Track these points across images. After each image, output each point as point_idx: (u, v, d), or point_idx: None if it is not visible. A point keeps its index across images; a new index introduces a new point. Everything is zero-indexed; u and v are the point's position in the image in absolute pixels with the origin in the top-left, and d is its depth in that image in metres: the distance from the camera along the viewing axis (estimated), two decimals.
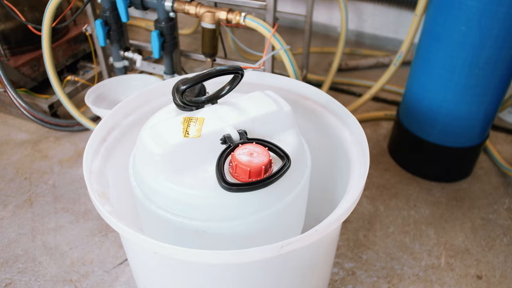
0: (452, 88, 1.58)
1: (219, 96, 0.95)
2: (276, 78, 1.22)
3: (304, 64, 2.16)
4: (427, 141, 1.73)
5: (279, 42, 1.41)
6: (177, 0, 1.48)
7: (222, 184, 0.80)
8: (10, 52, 2.28)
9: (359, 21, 2.90)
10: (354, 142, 1.04)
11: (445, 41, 1.52)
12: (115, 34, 1.65)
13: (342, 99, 2.33)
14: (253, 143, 0.86)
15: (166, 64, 1.65)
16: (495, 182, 1.82)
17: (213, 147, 0.87)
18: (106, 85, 1.68)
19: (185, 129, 0.88)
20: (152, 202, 0.89)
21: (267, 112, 0.93)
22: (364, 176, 0.91)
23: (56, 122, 2.05)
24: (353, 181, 0.93)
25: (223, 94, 0.95)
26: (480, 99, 1.58)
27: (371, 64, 2.60)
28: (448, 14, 1.48)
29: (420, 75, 1.68)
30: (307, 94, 1.18)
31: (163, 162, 0.85)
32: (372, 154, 1.94)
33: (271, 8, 1.44)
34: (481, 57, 1.48)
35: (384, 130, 2.10)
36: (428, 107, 1.67)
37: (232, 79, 0.94)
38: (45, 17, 1.71)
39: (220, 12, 1.43)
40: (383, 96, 2.36)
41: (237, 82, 0.94)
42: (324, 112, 1.15)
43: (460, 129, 1.67)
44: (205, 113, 0.93)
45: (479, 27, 1.42)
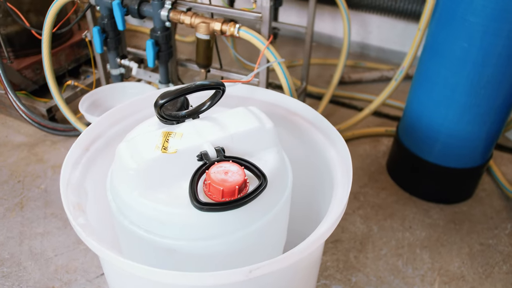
0: (453, 107, 1.54)
1: (200, 111, 0.92)
2: (265, 92, 1.19)
3: (304, 76, 2.13)
4: (427, 161, 1.69)
5: (273, 54, 1.39)
6: (173, 10, 1.47)
7: (193, 202, 0.77)
8: (14, 55, 2.29)
9: (365, 33, 2.87)
10: (339, 162, 1.01)
11: (446, 58, 1.48)
12: (112, 41, 1.64)
13: (343, 113, 2.30)
14: (230, 161, 0.83)
15: (161, 73, 1.64)
16: (497, 205, 1.77)
17: (189, 163, 0.84)
18: (101, 92, 1.67)
19: (162, 144, 0.86)
20: (125, 217, 0.87)
21: (247, 129, 0.90)
22: (345, 199, 0.87)
23: (53, 126, 2.05)
24: (333, 204, 0.90)
25: (203, 109, 0.93)
26: (482, 119, 1.54)
27: (375, 78, 2.56)
28: (450, 29, 1.44)
29: (420, 92, 1.64)
30: (296, 110, 1.16)
31: (138, 177, 0.83)
32: (369, 172, 1.90)
33: (267, 20, 1.42)
34: (483, 76, 1.43)
35: (384, 147, 2.06)
36: (428, 126, 1.63)
37: (214, 94, 0.92)
38: (45, 22, 1.71)
39: (215, 23, 1.41)
40: (385, 111, 2.32)
41: (219, 97, 0.91)
42: (312, 129, 1.12)
43: (461, 149, 1.63)
44: (185, 128, 0.91)
45: (482, 44, 1.38)
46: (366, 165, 1.94)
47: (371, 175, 1.88)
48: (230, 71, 1.65)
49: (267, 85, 1.57)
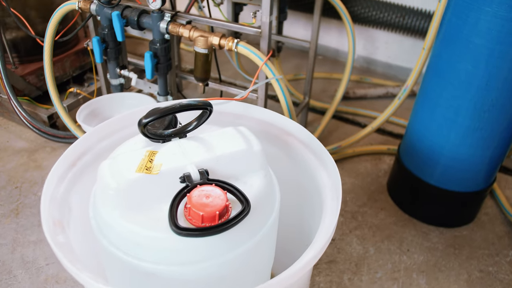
0: (456, 129, 1.50)
1: (185, 131, 0.90)
2: (260, 110, 1.17)
3: (306, 90, 2.11)
4: (427, 183, 1.65)
5: (271, 71, 1.37)
6: (172, 22, 1.46)
7: (172, 227, 0.75)
8: (19, 60, 2.30)
9: (372, 48, 2.84)
10: (330, 187, 0.98)
11: (450, 80, 1.45)
12: (112, 51, 1.64)
13: (346, 129, 2.27)
14: (213, 184, 0.80)
15: (160, 85, 1.62)
16: (499, 231, 1.72)
17: (171, 185, 0.82)
18: (99, 102, 1.67)
19: (145, 164, 0.84)
20: (105, 237, 0.85)
21: (234, 150, 0.88)
22: (332, 226, 0.85)
23: (53, 133, 2.05)
24: (321, 230, 0.87)
25: (190, 129, 0.91)
26: (485, 143, 1.50)
27: (380, 94, 2.53)
28: (454, 51, 1.41)
29: (423, 113, 1.60)
30: (291, 130, 1.13)
31: (118, 197, 0.81)
32: (369, 191, 1.86)
33: (266, 35, 1.40)
34: (488, 99, 1.40)
35: (386, 166, 2.02)
36: (430, 147, 1.59)
37: (200, 114, 0.90)
38: (47, 31, 1.72)
39: (213, 37, 1.40)
40: (389, 128, 2.28)
41: (205, 118, 0.90)
42: (305, 151, 1.09)
43: (463, 172, 1.58)
44: (170, 147, 0.89)
45: (487, 67, 1.35)
46: (366, 183, 1.90)
47: (370, 194, 1.85)
48: (229, 86, 1.64)
49: (266, 100, 1.55)
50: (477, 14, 1.29)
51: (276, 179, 0.99)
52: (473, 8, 1.30)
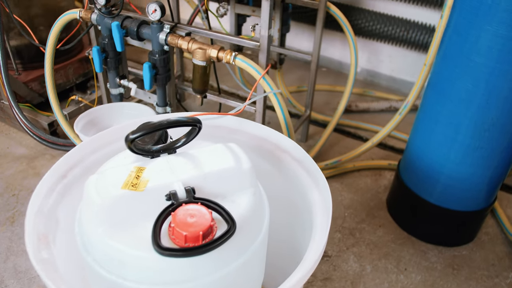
0: (456, 148, 1.48)
1: (174, 147, 0.89)
2: (255, 126, 1.16)
3: (308, 103, 2.10)
4: (427, 201, 1.62)
5: (269, 85, 1.36)
6: (171, 34, 1.46)
7: (154, 247, 0.74)
8: (23, 67, 2.32)
9: (376, 61, 2.82)
10: (321, 207, 0.96)
11: (450, 97, 1.43)
12: (112, 61, 1.64)
13: (347, 143, 2.25)
14: (199, 203, 0.79)
15: (159, 96, 1.62)
16: (500, 252, 1.68)
17: (157, 203, 0.81)
18: (98, 112, 1.67)
19: (131, 180, 0.83)
20: (89, 254, 0.83)
21: (223, 168, 0.87)
22: (320, 249, 0.83)
23: (53, 141, 2.05)
24: (309, 253, 0.85)
25: (178, 145, 0.89)
26: (485, 162, 1.47)
27: (383, 108, 2.51)
28: (454, 68, 1.39)
29: (423, 129, 1.58)
30: (285, 147, 1.12)
31: (102, 214, 0.80)
32: (368, 207, 1.84)
33: (264, 49, 1.39)
34: (488, 118, 1.38)
35: (386, 181, 1.99)
36: (429, 165, 1.57)
37: (190, 131, 0.89)
38: (49, 39, 1.73)
39: (211, 50, 1.39)
40: (391, 143, 2.26)
41: (194, 135, 0.88)
42: (298, 168, 1.08)
43: (463, 192, 1.56)
44: (158, 163, 0.87)
45: (487, 86, 1.33)
46: (366, 199, 1.87)
47: (369, 210, 1.82)
48: (228, 98, 1.63)
49: (264, 114, 1.54)
50: (478, 32, 1.27)
51: (266, 196, 0.97)
52: (474, 26, 1.28)
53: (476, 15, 1.27)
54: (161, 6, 1.42)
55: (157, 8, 1.42)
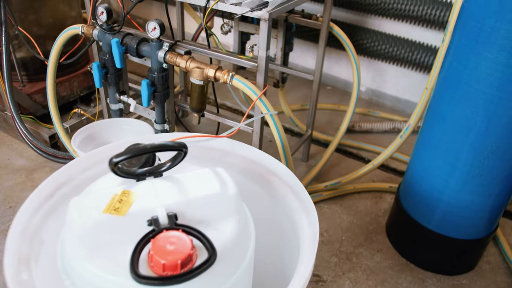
0: (455, 175, 1.45)
1: (159, 171, 0.88)
2: (247, 148, 1.15)
3: (309, 122, 2.08)
4: (426, 228, 1.59)
5: (266, 106, 1.35)
6: (170, 52, 1.46)
7: (132, 274, 0.72)
8: (28, 79, 2.34)
9: (381, 82, 2.81)
10: (309, 234, 0.94)
11: (449, 124, 1.41)
12: (112, 77, 1.64)
13: (348, 164, 2.22)
14: (180, 230, 0.78)
15: (157, 113, 1.62)
16: (501, 281, 1.63)
17: (138, 228, 0.79)
18: (96, 127, 1.67)
19: (114, 204, 0.82)
20: (68, 277, 0.82)
21: (208, 194, 0.86)
22: (304, 279, 0.81)
23: (53, 153, 2.05)
24: (294, 281, 0.83)
25: (164, 169, 0.88)
26: (485, 190, 1.44)
27: (387, 129, 2.48)
28: (454, 94, 1.37)
29: (423, 155, 1.55)
30: (276, 171, 1.10)
31: (83, 238, 0.78)
32: (367, 230, 1.81)
33: (262, 69, 1.38)
34: (487, 146, 1.35)
35: (386, 205, 1.96)
36: (428, 191, 1.54)
37: (175, 156, 0.88)
38: (51, 53, 1.74)
39: (209, 69, 1.39)
40: (393, 165, 2.22)
41: (180, 159, 0.87)
42: (289, 194, 1.06)
43: (462, 219, 1.52)
44: (143, 187, 0.86)
45: (486, 113, 1.31)
46: (364, 223, 1.84)
47: (368, 234, 1.79)
48: (227, 117, 1.62)
49: (261, 134, 1.53)
50: (477, 59, 1.26)
51: (253, 221, 0.95)
52: (474, 52, 1.26)
53: (476, 42, 1.25)
54: (160, 24, 1.42)
55: (156, 26, 1.42)
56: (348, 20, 2.72)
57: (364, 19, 2.67)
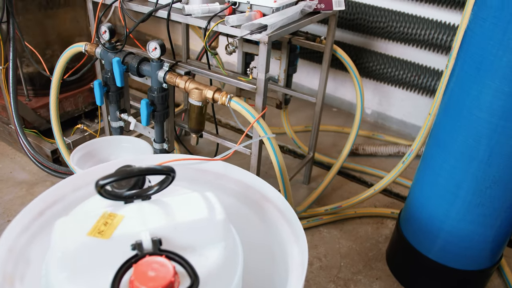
0: (457, 204, 1.42)
1: (147, 194, 0.87)
2: (241, 172, 1.14)
3: (311, 145, 2.07)
4: (426, 257, 1.55)
5: (263, 129, 1.33)
6: (170, 72, 1.46)
7: None
8: (34, 93, 2.36)
9: (387, 105, 2.79)
10: (298, 263, 0.92)
11: (451, 151, 1.38)
12: (113, 95, 1.65)
13: (350, 187, 2.19)
14: (163, 255, 0.76)
15: (156, 133, 1.62)
16: None
17: (121, 252, 0.78)
18: (96, 144, 1.67)
19: (99, 226, 0.80)
20: None
21: (195, 219, 0.84)
22: None
23: (54, 168, 2.06)
24: None
25: (151, 193, 0.87)
26: (487, 220, 1.40)
27: (391, 153, 2.45)
28: (456, 122, 1.35)
29: (424, 182, 1.53)
30: (269, 197, 1.09)
31: (65, 260, 0.77)
32: (366, 257, 1.77)
33: (261, 92, 1.38)
34: (489, 175, 1.32)
35: (388, 231, 1.92)
36: (429, 219, 1.50)
37: (163, 180, 0.87)
38: (55, 70, 1.76)
39: (207, 91, 1.38)
40: (397, 190, 2.19)
41: (167, 183, 0.86)
42: (281, 220, 1.04)
43: (464, 249, 1.48)
44: (130, 210, 0.85)
45: (489, 142, 1.28)
46: (364, 249, 1.80)
47: (367, 261, 1.75)
48: (226, 138, 1.61)
49: (259, 157, 1.52)
50: (480, 86, 1.24)
51: (242, 248, 0.93)
52: (476, 80, 1.25)
53: (478, 69, 1.24)
54: (161, 45, 1.43)
55: (157, 46, 1.43)
56: (355, 42, 2.72)
57: (371, 42, 2.67)
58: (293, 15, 1.44)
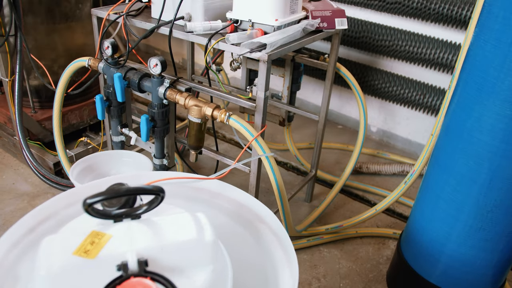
0: (458, 227, 1.39)
1: (136, 213, 0.86)
2: (237, 192, 1.13)
3: (313, 163, 2.05)
4: (427, 281, 1.51)
5: (261, 147, 1.32)
6: (171, 88, 1.47)
7: None
8: (40, 105, 2.39)
9: (393, 123, 2.77)
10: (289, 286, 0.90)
11: (452, 174, 1.36)
12: (115, 110, 1.66)
13: (352, 206, 2.17)
14: (148, 277, 0.75)
15: (156, 148, 1.62)
16: None
17: (106, 273, 0.76)
18: (96, 158, 1.67)
19: (85, 246, 0.79)
20: None
21: (183, 240, 0.83)
22: None
23: (56, 181, 2.06)
24: None
25: (140, 212, 0.86)
26: (488, 245, 1.37)
27: (395, 172, 2.42)
28: (457, 144, 1.33)
29: (425, 205, 1.50)
30: (264, 217, 1.07)
31: (48, 280, 0.76)
32: (366, 278, 1.73)
33: (261, 110, 1.37)
34: (490, 199, 1.29)
35: (389, 252, 1.89)
36: (430, 243, 1.47)
37: (152, 200, 0.86)
38: (58, 84, 1.77)
39: (207, 108, 1.38)
40: (400, 210, 2.16)
41: (157, 203, 0.85)
42: (274, 242, 1.03)
43: (465, 274, 1.45)
44: (118, 229, 0.84)
45: (490, 166, 1.26)
46: (364, 270, 1.77)
47: (367, 283, 1.71)
48: (225, 156, 1.60)
49: (259, 175, 1.50)
50: (481, 109, 1.22)
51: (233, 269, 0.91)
52: (477, 102, 1.23)
53: (480, 91, 1.22)
54: (162, 61, 1.44)
55: (158, 63, 1.44)
56: (360, 60, 2.71)
57: (376, 60, 2.66)
58: (294, 33, 1.44)
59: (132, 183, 0.93)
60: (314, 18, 1.60)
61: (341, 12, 1.64)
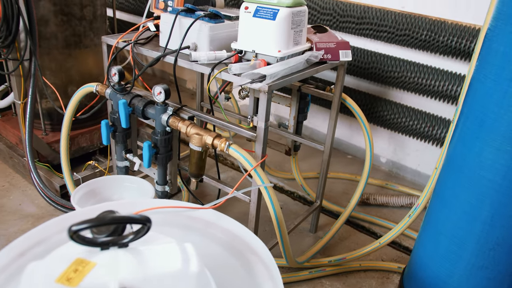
0: (460, 265, 1.35)
1: (122, 242, 0.86)
2: (231, 222, 1.12)
3: (318, 193, 2.03)
4: None
5: (260, 178, 1.32)
6: (173, 116, 1.48)
7: None
8: (51, 128, 2.43)
9: (403, 154, 2.73)
10: None
11: (454, 209, 1.33)
12: (120, 136, 1.68)
13: (358, 238, 2.13)
14: None
15: (159, 175, 1.62)
16: None
17: None
18: (98, 183, 1.68)
19: (67, 274, 0.79)
20: None
21: (168, 271, 0.82)
22: None
23: (61, 203, 2.08)
24: None
25: (127, 241, 0.86)
26: (491, 284, 1.32)
27: (403, 204, 2.38)
28: (458, 180, 1.30)
29: (427, 241, 1.46)
30: (256, 249, 1.06)
31: None
32: None
33: (261, 140, 1.37)
34: (492, 237, 1.25)
35: (393, 286, 1.83)
36: (432, 280, 1.43)
37: (139, 229, 0.85)
38: (67, 109, 1.81)
39: (207, 137, 1.39)
40: (406, 243, 2.11)
41: (143, 233, 0.85)
42: (265, 275, 1.01)
43: None
44: (104, 257, 0.84)
45: (492, 203, 1.23)
46: None
47: None
48: (226, 184, 1.60)
49: (259, 205, 1.49)
50: (482, 144, 1.20)
51: None
52: (478, 137, 1.21)
53: (480, 127, 1.20)
54: (166, 89, 1.46)
55: (162, 91, 1.46)
56: (370, 91, 2.71)
57: (386, 91, 2.66)
58: (297, 65, 1.45)
59: (125, 211, 0.93)
60: (318, 50, 1.61)
61: (346, 44, 1.65)
